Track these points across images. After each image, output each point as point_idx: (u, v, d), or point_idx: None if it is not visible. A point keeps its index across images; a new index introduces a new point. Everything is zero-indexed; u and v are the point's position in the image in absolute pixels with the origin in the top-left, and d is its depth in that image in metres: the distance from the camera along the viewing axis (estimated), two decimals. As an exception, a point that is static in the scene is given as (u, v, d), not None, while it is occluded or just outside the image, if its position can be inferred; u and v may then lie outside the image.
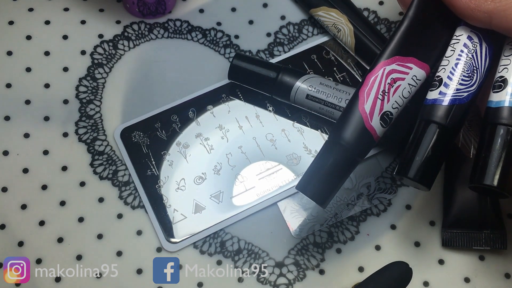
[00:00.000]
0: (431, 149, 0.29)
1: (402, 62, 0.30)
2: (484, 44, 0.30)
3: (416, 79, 0.30)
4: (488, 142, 0.28)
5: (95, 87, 0.38)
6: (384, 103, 0.29)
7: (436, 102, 0.29)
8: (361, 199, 0.36)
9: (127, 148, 0.36)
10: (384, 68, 0.30)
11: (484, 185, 0.27)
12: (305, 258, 0.34)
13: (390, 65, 0.30)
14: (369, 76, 0.30)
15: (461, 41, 0.30)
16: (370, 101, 0.29)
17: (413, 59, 0.30)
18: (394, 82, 0.30)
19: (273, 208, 0.35)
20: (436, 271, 0.34)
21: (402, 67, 0.30)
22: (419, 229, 0.35)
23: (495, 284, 0.34)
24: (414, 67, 0.30)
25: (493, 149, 0.28)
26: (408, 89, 0.30)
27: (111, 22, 0.40)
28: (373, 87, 0.30)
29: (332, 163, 0.29)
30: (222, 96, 0.38)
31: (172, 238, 0.34)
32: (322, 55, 0.39)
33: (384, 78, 0.30)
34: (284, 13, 0.41)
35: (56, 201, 0.35)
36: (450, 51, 0.30)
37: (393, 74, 0.30)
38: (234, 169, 0.36)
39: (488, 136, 0.28)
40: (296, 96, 0.35)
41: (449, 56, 0.30)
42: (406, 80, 0.30)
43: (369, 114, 0.29)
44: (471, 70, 0.29)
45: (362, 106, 0.29)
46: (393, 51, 0.30)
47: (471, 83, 0.29)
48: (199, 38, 0.39)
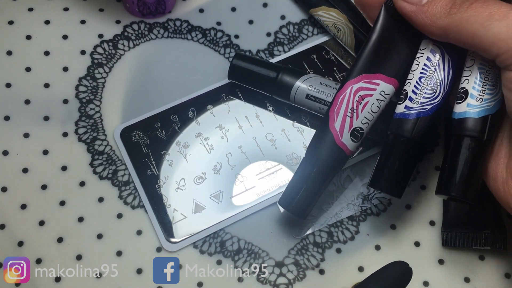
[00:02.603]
0: (399, 162, 0.30)
1: (368, 79, 0.31)
2: (447, 56, 0.30)
3: (384, 94, 0.31)
4: (452, 152, 0.29)
5: (95, 87, 0.38)
6: (353, 120, 0.31)
7: (402, 116, 0.30)
8: (361, 199, 0.36)
9: (127, 148, 0.36)
10: (351, 87, 0.31)
11: (449, 195, 0.29)
12: (305, 258, 0.34)
13: (357, 83, 0.31)
14: (338, 95, 0.32)
15: (424, 54, 0.31)
16: (339, 119, 0.31)
17: (379, 75, 0.31)
18: (362, 99, 0.31)
19: (273, 208, 0.35)
20: (436, 271, 0.34)
21: (369, 84, 0.31)
22: (419, 229, 0.35)
23: (495, 284, 0.34)
24: (382, 83, 0.31)
25: (457, 160, 0.29)
26: (376, 104, 0.31)
27: (111, 22, 0.40)
28: (342, 106, 0.31)
29: (308, 179, 0.32)
30: (222, 96, 0.38)
31: (172, 238, 0.34)
32: (322, 55, 0.39)
33: (352, 96, 0.31)
34: (284, 13, 0.41)
35: (56, 201, 0.35)
36: (415, 64, 0.31)
37: (361, 92, 0.31)
38: (234, 169, 0.36)
39: (453, 147, 0.29)
40: (296, 96, 0.35)
41: (414, 70, 0.31)
42: (374, 96, 0.31)
43: (339, 132, 0.31)
44: (435, 83, 0.30)
45: (333, 125, 0.31)
46: (360, 69, 0.31)
47: (435, 96, 0.30)
48: (199, 38, 0.39)
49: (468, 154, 0.29)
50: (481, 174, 0.29)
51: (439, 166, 0.37)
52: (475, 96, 0.29)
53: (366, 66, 0.31)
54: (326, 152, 0.31)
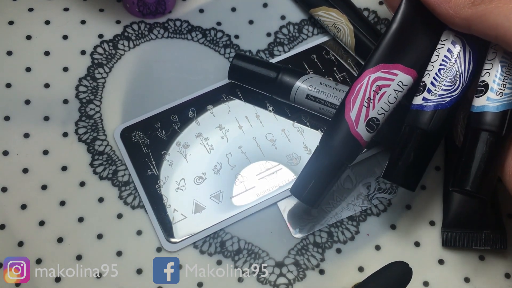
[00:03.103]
0: (414, 154, 0.30)
1: (387, 69, 0.31)
2: (468, 48, 0.30)
3: (402, 84, 0.31)
4: (469, 146, 0.29)
5: (95, 87, 0.38)
6: (369, 110, 0.31)
7: (419, 108, 0.30)
8: (361, 199, 0.36)
9: (127, 148, 0.36)
10: (369, 76, 0.31)
11: (464, 189, 0.28)
12: (305, 258, 0.34)
13: (375, 73, 0.31)
14: (355, 84, 0.31)
15: (445, 46, 0.30)
16: (355, 109, 0.31)
17: (398, 65, 0.31)
18: (379, 89, 0.31)
19: (273, 208, 0.35)
20: (436, 271, 0.34)
21: (388, 74, 0.31)
22: (419, 229, 0.35)
23: (495, 284, 0.34)
24: (400, 73, 0.31)
25: (474, 154, 0.28)
26: (394, 95, 0.31)
27: (111, 22, 0.40)
28: (359, 95, 0.31)
29: (321, 169, 0.31)
30: (222, 96, 0.38)
31: (172, 238, 0.34)
32: (322, 55, 0.39)
33: (369, 85, 0.31)
34: (284, 13, 0.41)
35: (56, 201, 0.35)
36: (435, 56, 0.30)
37: (378, 82, 0.31)
38: (234, 169, 0.36)
39: (470, 141, 0.29)
40: (296, 96, 0.35)
41: (434, 61, 0.30)
42: (391, 87, 0.31)
43: (355, 121, 0.31)
44: (454, 75, 0.30)
45: (348, 114, 0.31)
46: (378, 59, 0.31)
47: (454, 88, 0.30)
48: (199, 38, 0.39)
49: (486, 149, 0.28)
50: (498, 170, 0.29)
51: (439, 166, 0.37)
52: (495, 90, 0.28)
53: (385, 55, 0.31)
54: (340, 141, 0.31)
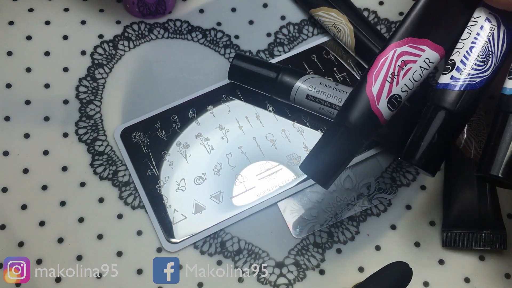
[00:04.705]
0: (438, 136, 0.28)
1: (414, 44, 0.29)
2: (503, 27, 0.28)
3: (429, 62, 0.29)
4: (498, 130, 0.27)
5: (95, 87, 0.38)
6: (392, 86, 0.29)
7: (447, 87, 0.28)
8: (361, 199, 0.36)
9: (127, 148, 0.36)
10: (395, 50, 0.29)
11: (490, 175, 0.26)
12: (305, 258, 0.34)
13: (401, 46, 0.29)
14: (379, 57, 0.29)
15: (478, 23, 0.29)
16: (378, 84, 0.29)
17: (426, 41, 0.29)
18: (404, 65, 0.29)
19: (273, 208, 0.35)
20: (436, 271, 0.34)
21: (414, 49, 0.29)
22: (419, 229, 0.35)
23: (495, 284, 0.34)
24: (428, 50, 0.29)
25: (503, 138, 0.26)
26: (419, 72, 0.29)
27: (111, 22, 0.40)
28: (382, 69, 0.29)
29: (336, 145, 0.29)
30: (222, 96, 0.38)
31: (172, 238, 0.34)
32: (322, 55, 0.39)
33: (394, 60, 0.29)
34: (284, 13, 0.41)
35: (56, 201, 0.35)
36: (467, 33, 0.29)
37: (404, 56, 0.29)
38: (234, 169, 0.36)
39: (500, 124, 0.27)
40: (296, 96, 0.35)
41: (465, 39, 0.29)
42: (418, 63, 0.29)
43: (376, 97, 0.29)
44: (486, 55, 0.28)
45: (370, 89, 0.29)
46: (405, 32, 0.29)
47: (485, 68, 0.28)
48: (199, 38, 0.39)
49: None
50: None
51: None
52: None
53: (413, 29, 0.29)
54: (359, 117, 0.29)
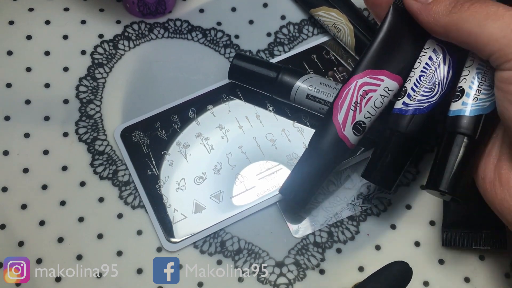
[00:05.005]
0: (392, 155, 0.31)
1: (374, 75, 0.32)
2: (448, 57, 0.31)
3: (388, 90, 0.32)
4: (444, 149, 0.30)
5: (95, 87, 0.38)
6: (356, 113, 0.32)
7: (399, 111, 0.31)
8: (361, 199, 0.36)
9: (127, 148, 0.36)
10: (356, 81, 0.32)
11: (438, 190, 0.29)
12: (305, 258, 0.34)
13: (362, 78, 0.32)
14: (343, 89, 0.32)
15: (427, 54, 0.31)
16: (343, 112, 0.32)
17: (384, 71, 0.32)
18: (366, 94, 0.32)
19: (273, 208, 0.35)
20: (436, 271, 0.34)
21: (374, 80, 0.32)
22: (419, 229, 0.35)
23: (495, 284, 0.34)
24: (386, 79, 0.32)
25: (448, 156, 0.29)
26: (380, 100, 0.32)
27: (111, 22, 0.40)
28: (346, 99, 0.32)
29: (310, 170, 0.32)
30: (222, 96, 0.38)
31: (172, 238, 0.34)
32: (322, 55, 0.39)
33: (356, 90, 0.32)
34: (284, 13, 0.41)
35: (56, 201, 0.35)
36: (417, 63, 0.32)
37: (365, 86, 0.32)
38: (234, 169, 0.36)
39: (445, 144, 0.30)
40: (296, 96, 0.35)
41: (416, 68, 0.31)
42: (378, 92, 0.32)
43: (342, 124, 0.32)
44: (434, 82, 0.31)
45: (336, 117, 0.32)
46: (366, 65, 0.32)
47: (432, 94, 0.31)
48: (199, 38, 0.39)
49: (459, 151, 0.29)
50: (471, 172, 0.30)
51: (439, 166, 0.37)
52: (470, 95, 0.29)
53: (372, 62, 0.32)
54: (328, 143, 0.32)
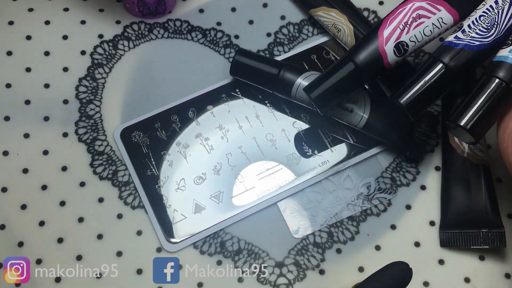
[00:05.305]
0: (429, 84, 0.31)
1: (433, 2, 0.32)
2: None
3: (441, 21, 0.32)
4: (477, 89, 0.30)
5: (95, 87, 0.38)
6: (403, 33, 0.32)
7: (449, 44, 0.31)
8: (361, 199, 0.36)
9: (127, 148, 0.36)
10: (413, 3, 0.32)
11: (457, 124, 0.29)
12: (305, 258, 0.34)
13: (420, 1, 0.32)
14: (398, 7, 0.32)
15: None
16: (390, 28, 0.32)
17: (444, 3, 0.32)
18: (418, 17, 0.32)
19: (273, 208, 0.35)
20: (436, 271, 0.34)
21: (431, 7, 0.32)
22: (419, 229, 0.35)
23: (495, 284, 0.34)
24: (443, 10, 0.32)
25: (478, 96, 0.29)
26: (430, 28, 0.32)
27: (111, 22, 0.40)
28: (398, 17, 0.32)
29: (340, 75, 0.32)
30: (222, 96, 0.38)
31: (172, 238, 0.34)
32: (322, 55, 0.39)
33: (410, 11, 0.32)
34: (284, 13, 0.41)
35: (56, 201, 0.35)
36: (482, 5, 0.32)
37: (420, 11, 0.32)
38: (234, 169, 0.36)
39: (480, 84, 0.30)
40: (297, 92, 0.35)
41: (479, 8, 0.32)
42: (431, 20, 0.32)
43: (386, 39, 0.32)
44: (492, 24, 0.31)
45: (382, 31, 0.32)
46: None
47: (487, 35, 0.31)
48: (199, 38, 0.39)
49: (491, 94, 0.29)
50: (495, 119, 0.30)
51: (439, 166, 0.37)
52: None
53: None
54: (366, 54, 0.32)
